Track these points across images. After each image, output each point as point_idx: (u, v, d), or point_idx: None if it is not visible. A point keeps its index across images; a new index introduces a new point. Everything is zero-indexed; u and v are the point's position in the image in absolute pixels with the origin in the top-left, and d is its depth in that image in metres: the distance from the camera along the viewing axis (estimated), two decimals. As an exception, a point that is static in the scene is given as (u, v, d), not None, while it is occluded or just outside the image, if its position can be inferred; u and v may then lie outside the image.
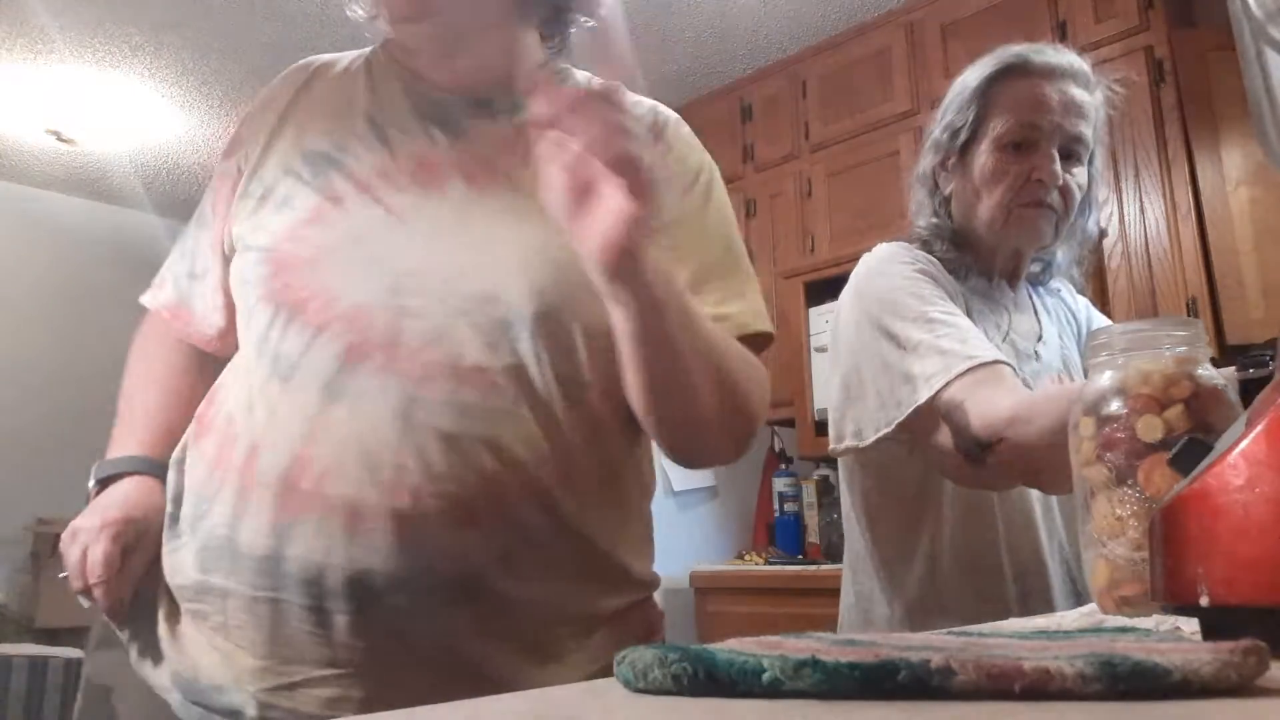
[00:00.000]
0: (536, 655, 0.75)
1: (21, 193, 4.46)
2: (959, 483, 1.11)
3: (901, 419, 1.05)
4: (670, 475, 3.17)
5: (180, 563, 0.78)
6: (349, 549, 0.70)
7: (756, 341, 0.84)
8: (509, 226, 0.68)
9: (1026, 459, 0.94)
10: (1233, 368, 0.78)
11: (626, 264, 0.64)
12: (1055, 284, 1.32)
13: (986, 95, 1.17)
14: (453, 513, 0.71)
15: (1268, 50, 0.55)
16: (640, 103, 0.88)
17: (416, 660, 0.72)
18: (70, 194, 4.59)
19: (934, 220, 1.22)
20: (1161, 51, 2.59)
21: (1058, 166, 1.14)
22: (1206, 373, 0.64)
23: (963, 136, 1.18)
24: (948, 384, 1.00)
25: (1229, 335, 2.36)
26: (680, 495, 3.21)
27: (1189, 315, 2.37)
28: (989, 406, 0.97)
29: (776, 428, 3.45)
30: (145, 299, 0.97)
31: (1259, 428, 0.43)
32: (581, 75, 0.91)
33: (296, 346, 0.75)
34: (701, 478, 3.28)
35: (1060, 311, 1.30)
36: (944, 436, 1.01)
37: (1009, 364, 1.03)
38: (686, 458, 0.85)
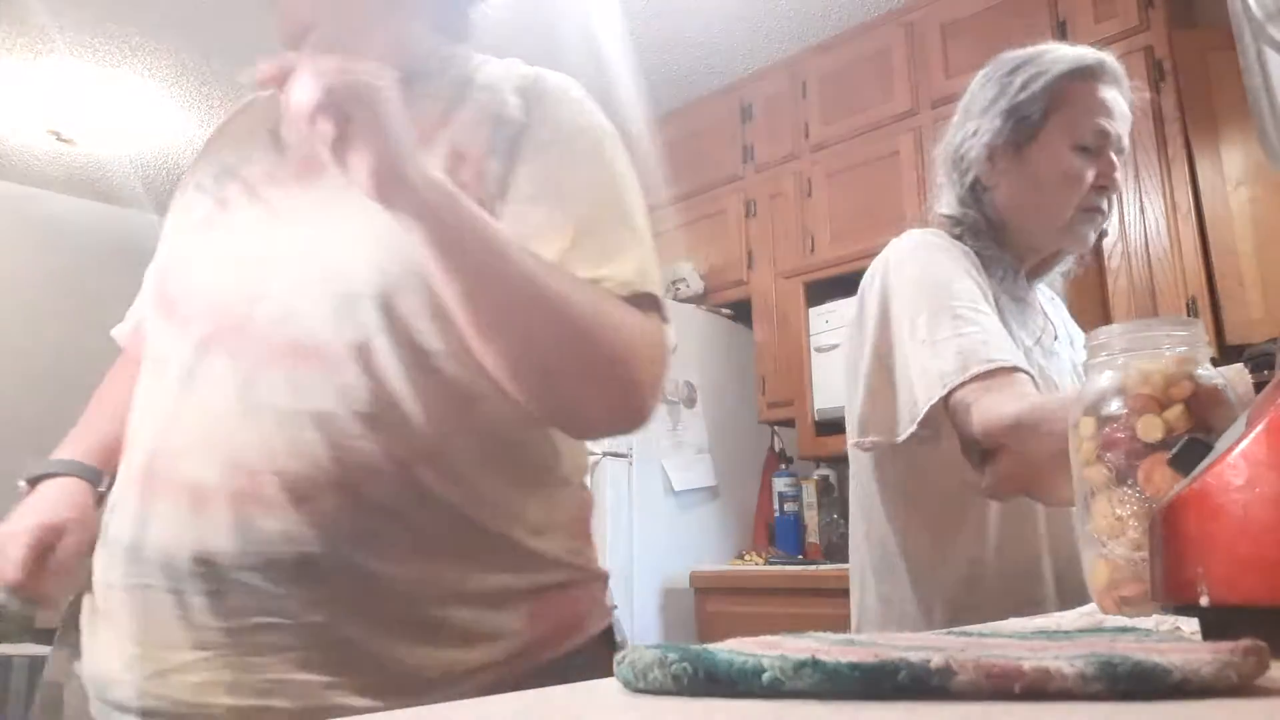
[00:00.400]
0: (430, 636, 0.73)
1: (21, 193, 4.46)
2: (968, 486, 1.07)
3: (920, 416, 1.02)
4: (670, 475, 3.17)
5: (98, 565, 0.81)
6: (195, 530, 0.71)
7: (641, 302, 0.80)
8: (365, 207, 0.68)
9: (1027, 469, 0.92)
10: (1240, 365, 0.77)
11: (388, 188, 0.66)
12: (1048, 291, 1.32)
13: (1055, 91, 1.14)
14: (294, 490, 0.71)
15: (1268, 50, 0.55)
16: (526, 75, 0.87)
17: (283, 640, 0.71)
18: (70, 194, 4.59)
19: (968, 210, 1.18)
20: (1161, 51, 2.59)
21: (1120, 174, 1.15)
22: (1206, 373, 0.64)
23: (1029, 128, 1.15)
24: (961, 385, 0.98)
25: (1229, 335, 2.36)
26: (680, 495, 3.21)
27: (1189, 315, 2.37)
28: (992, 414, 0.94)
29: (776, 428, 3.45)
30: (114, 331, 1.03)
31: (1259, 428, 0.43)
32: (479, 58, 0.90)
33: (165, 345, 0.80)
34: (701, 478, 3.28)
35: (1058, 317, 1.30)
36: (954, 439, 1.00)
37: (1027, 371, 1.01)
38: (558, 418, 0.81)
